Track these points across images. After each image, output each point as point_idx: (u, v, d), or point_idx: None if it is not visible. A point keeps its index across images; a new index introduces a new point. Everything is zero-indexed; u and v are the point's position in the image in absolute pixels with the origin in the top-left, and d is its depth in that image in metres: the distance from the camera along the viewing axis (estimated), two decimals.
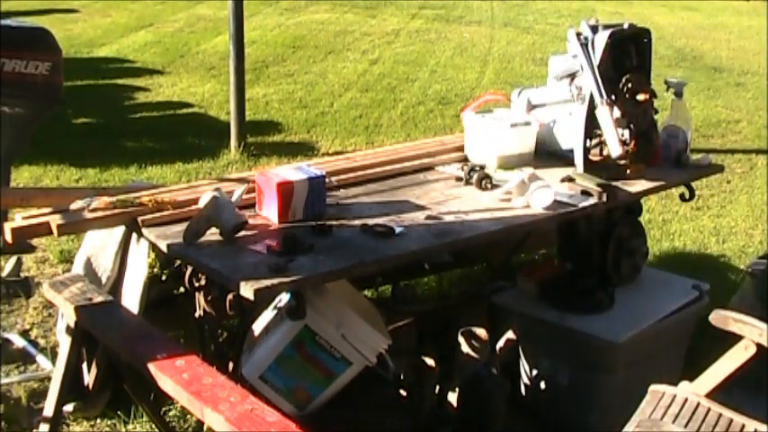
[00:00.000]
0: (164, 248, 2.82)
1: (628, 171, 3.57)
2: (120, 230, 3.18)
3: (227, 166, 6.51)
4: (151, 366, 2.48)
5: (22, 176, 5.80)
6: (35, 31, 3.62)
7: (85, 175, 6.11)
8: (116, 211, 2.97)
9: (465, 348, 3.27)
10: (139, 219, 2.96)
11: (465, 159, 3.76)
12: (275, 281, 2.54)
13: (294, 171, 3.08)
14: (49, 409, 2.93)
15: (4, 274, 3.76)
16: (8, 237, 2.90)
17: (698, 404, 2.68)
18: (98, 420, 3.45)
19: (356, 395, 2.96)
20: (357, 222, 3.03)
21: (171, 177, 6.05)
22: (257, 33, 11.13)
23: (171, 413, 3.44)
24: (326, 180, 3.14)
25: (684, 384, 2.77)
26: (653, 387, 2.80)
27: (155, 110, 8.19)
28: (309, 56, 10.43)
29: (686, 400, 2.70)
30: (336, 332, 2.84)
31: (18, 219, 2.97)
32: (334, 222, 3.01)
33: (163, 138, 7.22)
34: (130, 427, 3.42)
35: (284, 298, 2.89)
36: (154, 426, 3.32)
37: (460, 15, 14.03)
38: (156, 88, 8.83)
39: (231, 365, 3.06)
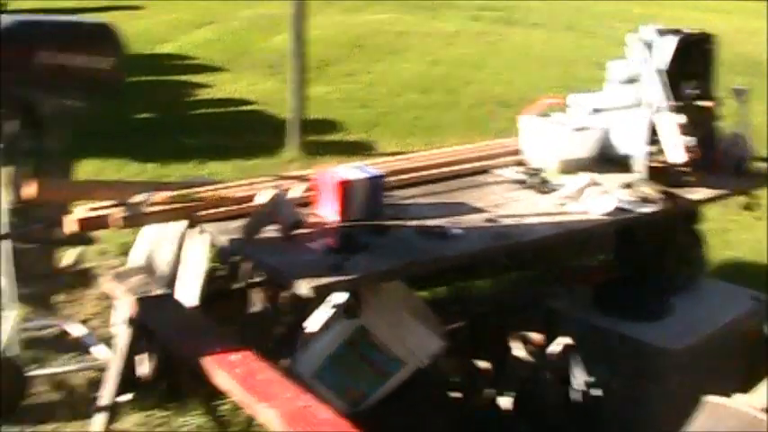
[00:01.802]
0: (222, 243, 2.85)
1: (688, 178, 3.53)
2: (179, 225, 3.22)
3: (285, 163, 6.53)
4: (206, 360, 2.51)
5: (84, 169, 5.86)
6: (100, 27, 3.68)
7: (146, 170, 6.19)
8: (176, 205, 3.01)
9: (519, 352, 3.26)
10: (199, 214, 2.99)
11: (524, 163, 3.74)
12: (332, 279, 2.55)
13: (353, 170, 3.09)
14: (105, 398, 2.97)
15: (66, 264, 3.82)
16: (72, 228, 2.95)
17: (754, 417, 2.64)
18: (153, 411, 3.49)
19: (409, 396, 2.96)
20: (414, 223, 3.03)
21: (230, 174, 6.08)
22: (318, 32, 11.13)
23: (223, 407, 3.46)
24: (385, 180, 3.15)
25: (740, 396, 2.73)
26: (707, 398, 2.77)
27: (215, 107, 8.27)
28: (370, 56, 10.45)
29: (741, 412, 2.66)
30: (391, 332, 2.84)
31: (80, 211, 3.01)
32: (391, 222, 3.02)
33: (222, 134, 7.29)
34: (183, 419, 3.46)
35: (340, 296, 2.90)
36: (205, 419, 3.35)
37: (521, 18, 13.96)
38: (217, 85, 8.91)
39: (285, 362, 3.08)
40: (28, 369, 3.62)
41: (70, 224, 2.95)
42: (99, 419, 2.99)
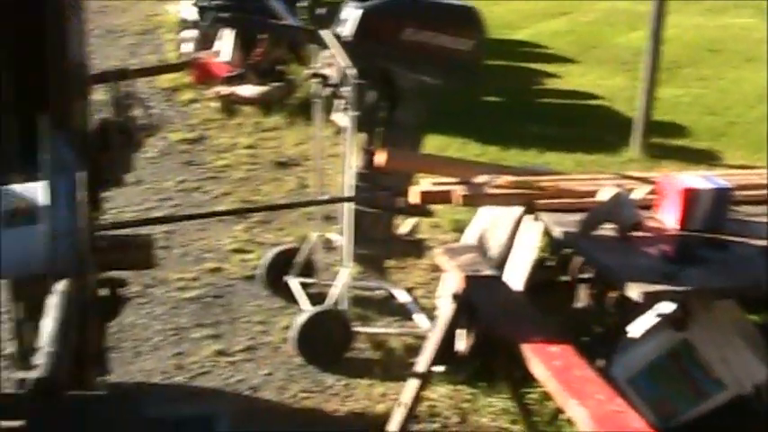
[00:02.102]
0: (557, 235, 2.86)
1: None
2: (515, 210, 3.26)
3: (625, 163, 6.39)
4: (525, 347, 2.53)
5: (429, 145, 6.02)
6: (464, 10, 3.79)
7: (486, 152, 6.30)
8: (516, 191, 3.05)
9: None
10: (537, 202, 3.01)
11: None
12: (664, 287, 2.50)
13: (700, 179, 3.00)
14: (420, 365, 3.07)
15: (402, 233, 3.98)
16: (415, 199, 3.07)
17: None
18: (461, 387, 3.58)
19: (723, 422, 2.84)
20: (758, 242, 2.88)
21: (568, 166, 6.04)
22: (674, 32, 10.76)
23: (531, 395, 3.46)
24: (731, 193, 3.02)
25: None
26: None
27: (561, 97, 8.25)
28: (726, 61, 9.97)
29: None
30: (717, 352, 2.74)
31: (426, 184, 3.12)
32: (733, 238, 2.89)
33: (565, 126, 7.25)
34: (489, 400, 3.50)
35: (667, 305, 2.82)
36: (511, 404, 3.37)
37: None
38: (566, 76, 8.86)
39: (601, 362, 3.04)
40: (354, 324, 3.83)
41: (414, 195, 3.07)
42: (411, 385, 3.09)
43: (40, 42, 2.48)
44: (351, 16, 3.67)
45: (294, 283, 4.15)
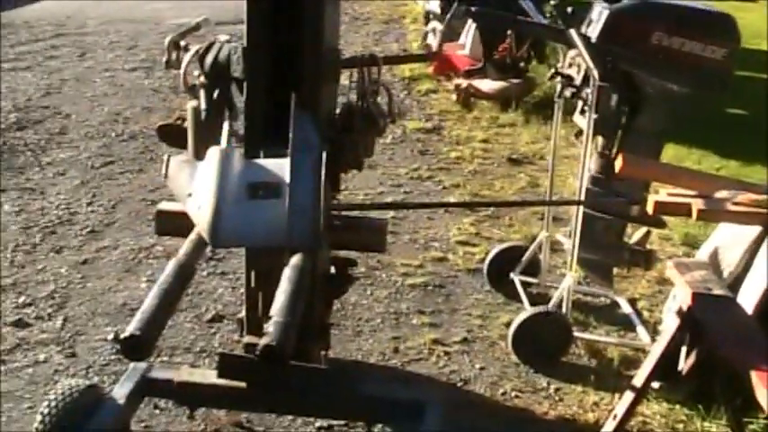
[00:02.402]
0: None
1: None
2: (754, 229, 3.13)
3: None
4: (753, 373, 2.43)
5: (666, 154, 5.81)
6: (719, 17, 3.66)
7: (727, 166, 6.07)
8: (757, 209, 2.92)
9: None
10: None
11: None
12: None
13: None
14: (638, 379, 3.00)
15: (632, 241, 3.89)
16: (650, 209, 2.99)
17: None
18: (677, 406, 3.47)
19: None
20: None
21: None
22: None
23: (752, 426, 3.31)
24: None
25: None
26: None
27: None
28: None
29: None
30: None
31: (662, 194, 3.04)
32: None
33: None
34: (706, 424, 3.38)
35: None
36: (729, 431, 3.25)
37: None
38: None
39: None
40: (573, 329, 3.78)
41: (649, 204, 3.00)
42: (626, 397, 3.02)
43: (298, 26, 2.60)
44: (599, 17, 3.62)
45: (517, 280, 4.15)
